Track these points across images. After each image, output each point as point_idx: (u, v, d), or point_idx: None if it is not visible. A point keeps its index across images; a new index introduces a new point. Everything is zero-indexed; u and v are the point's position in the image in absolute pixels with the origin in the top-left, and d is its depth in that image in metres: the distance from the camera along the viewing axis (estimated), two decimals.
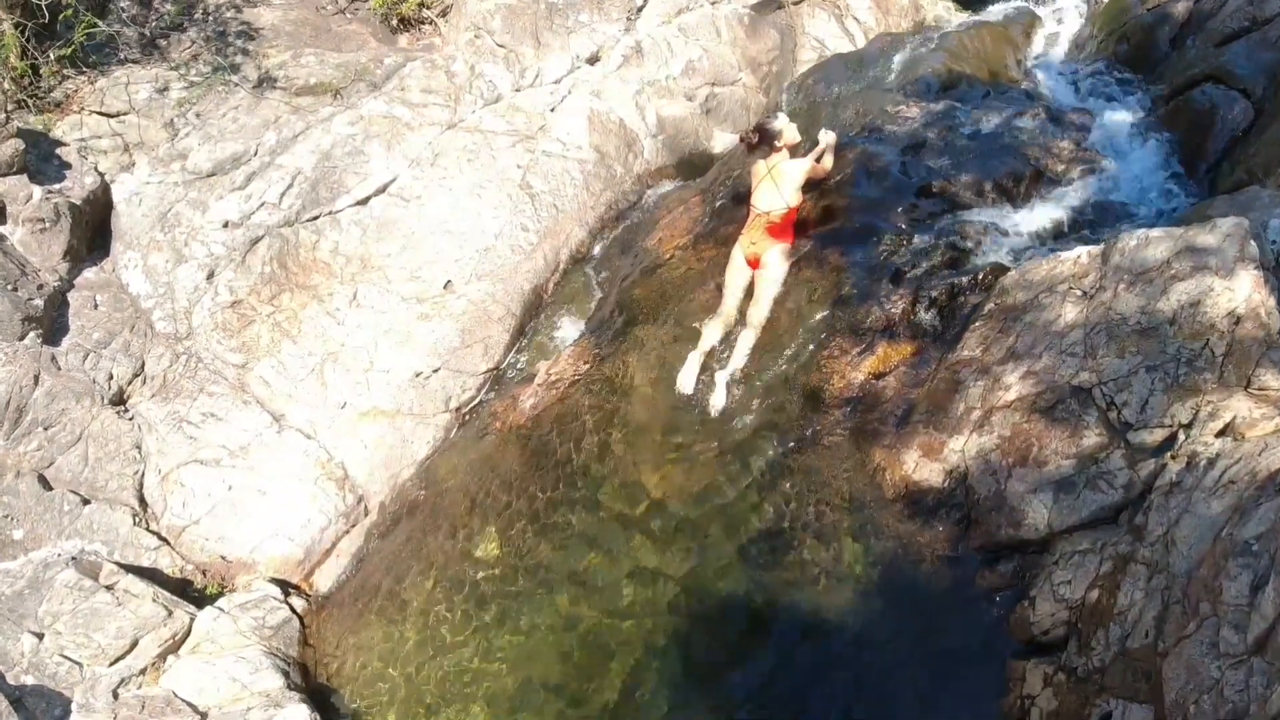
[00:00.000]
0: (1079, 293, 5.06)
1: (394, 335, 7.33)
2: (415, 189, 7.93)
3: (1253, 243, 4.64)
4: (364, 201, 7.80)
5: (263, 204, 7.62)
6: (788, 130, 6.44)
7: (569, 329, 7.51)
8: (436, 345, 7.35)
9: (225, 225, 7.51)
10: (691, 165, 9.63)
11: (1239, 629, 3.22)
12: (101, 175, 7.65)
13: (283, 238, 7.49)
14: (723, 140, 10.05)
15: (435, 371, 7.29)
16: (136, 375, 7.07)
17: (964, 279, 5.84)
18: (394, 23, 9.48)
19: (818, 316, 5.95)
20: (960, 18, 10.71)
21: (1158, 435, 4.42)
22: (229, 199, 7.65)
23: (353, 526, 6.85)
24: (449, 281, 7.54)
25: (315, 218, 7.65)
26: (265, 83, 8.40)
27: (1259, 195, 5.56)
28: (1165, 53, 8.36)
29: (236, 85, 8.33)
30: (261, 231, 7.50)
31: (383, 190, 7.89)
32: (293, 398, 7.12)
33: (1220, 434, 4.20)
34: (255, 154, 7.95)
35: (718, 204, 7.21)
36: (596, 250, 8.25)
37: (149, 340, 7.24)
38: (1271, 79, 6.78)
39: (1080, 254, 5.24)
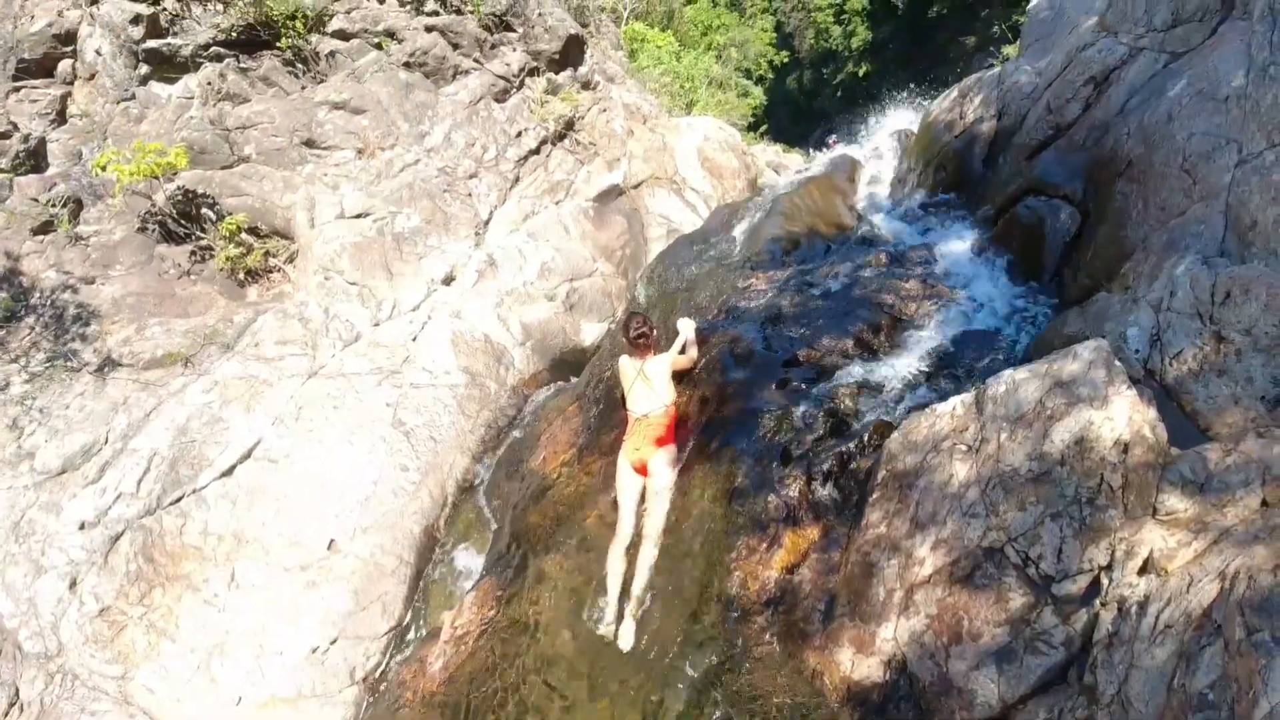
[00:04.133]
0: (964, 448, 5.02)
1: (282, 612, 6.79)
2: (282, 448, 7.58)
3: (1117, 362, 4.70)
4: (229, 472, 7.38)
5: (119, 495, 7.12)
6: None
7: (468, 566, 7.12)
8: (329, 614, 6.85)
9: (82, 527, 6.96)
10: (565, 364, 9.61)
11: None
12: None
13: (145, 529, 6.97)
14: (591, 332, 10.12)
15: (333, 643, 6.75)
16: (12, 704, 6.34)
17: (850, 444, 5.76)
18: (241, 276, 9.29)
19: (718, 515, 5.76)
20: (786, 160, 11.22)
21: (1081, 583, 4.30)
22: (83, 496, 7.13)
23: None
24: (332, 541, 7.12)
25: (178, 500, 7.18)
26: (110, 363, 8.03)
27: (1109, 304, 5.64)
28: (981, 173, 8.69)
29: (79, 370, 7.94)
30: (121, 526, 6.97)
31: (248, 456, 7.50)
32: (181, 701, 6.45)
33: (1142, 571, 4.13)
34: (106, 441, 7.49)
35: (595, 411, 7.09)
36: (483, 474, 7.98)
37: (19, 664, 6.53)
38: (1088, 179, 6.92)
39: (955, 405, 5.22)
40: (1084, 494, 4.37)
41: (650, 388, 6.22)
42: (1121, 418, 4.48)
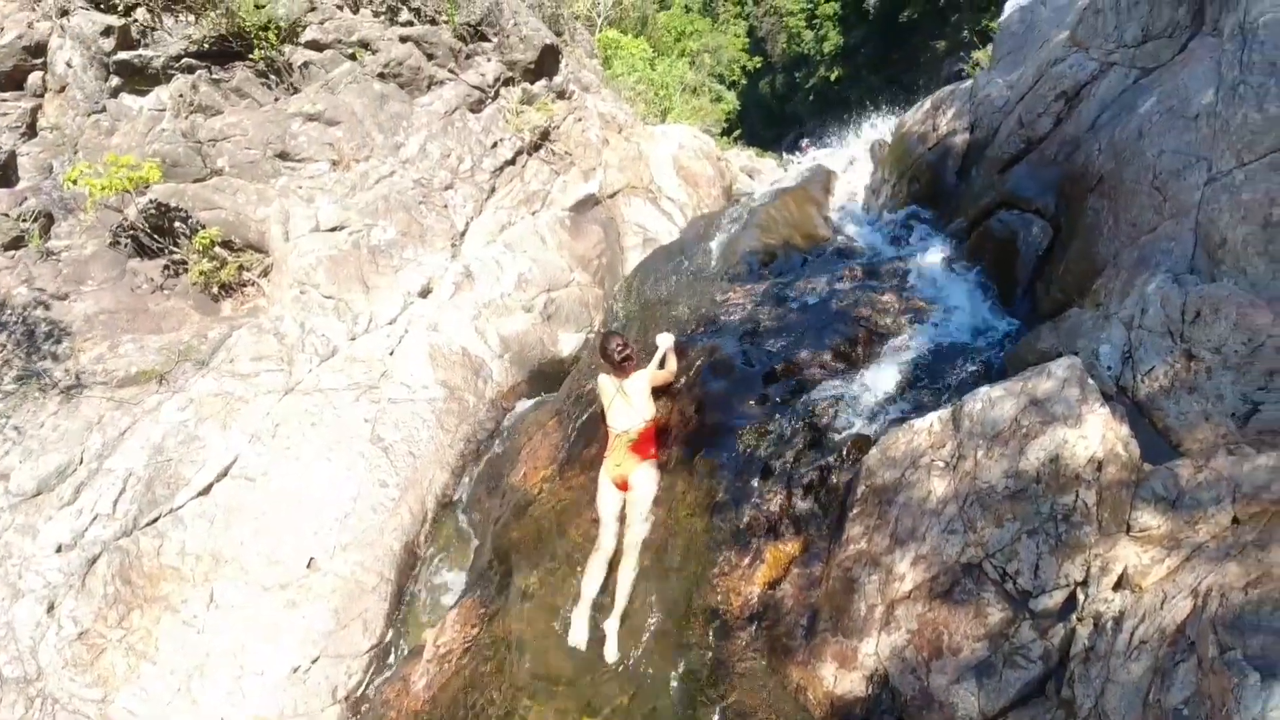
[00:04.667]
0: (941, 464, 5.07)
1: (262, 631, 6.73)
2: (260, 465, 7.52)
3: (1090, 380, 4.77)
4: (206, 491, 7.31)
5: (95, 517, 7.03)
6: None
7: (450, 582, 7.10)
8: (310, 632, 6.80)
9: (59, 549, 6.86)
10: (543, 375, 9.61)
11: None
12: None
13: (122, 550, 6.89)
14: (569, 342, 10.12)
15: (314, 662, 6.70)
16: None
17: (830, 458, 5.81)
18: (215, 291, 9.20)
19: (700, 530, 5.79)
20: (759, 165, 11.26)
21: (1057, 598, 4.37)
22: (59, 518, 7.03)
23: None
24: (312, 559, 7.08)
25: (155, 520, 7.10)
26: (83, 381, 7.93)
27: (1081, 320, 5.67)
28: (954, 186, 8.74)
29: (52, 388, 7.84)
30: (98, 548, 6.87)
31: (224, 474, 7.44)
32: None
33: (1117, 586, 4.20)
34: (81, 461, 7.39)
35: (575, 426, 7.09)
36: (463, 489, 7.96)
37: None
38: (1059, 193, 6.94)
39: (932, 421, 5.27)
40: (1059, 511, 4.44)
41: (630, 404, 6.24)
42: (1095, 435, 4.55)
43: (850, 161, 11.28)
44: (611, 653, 5.50)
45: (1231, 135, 4.90)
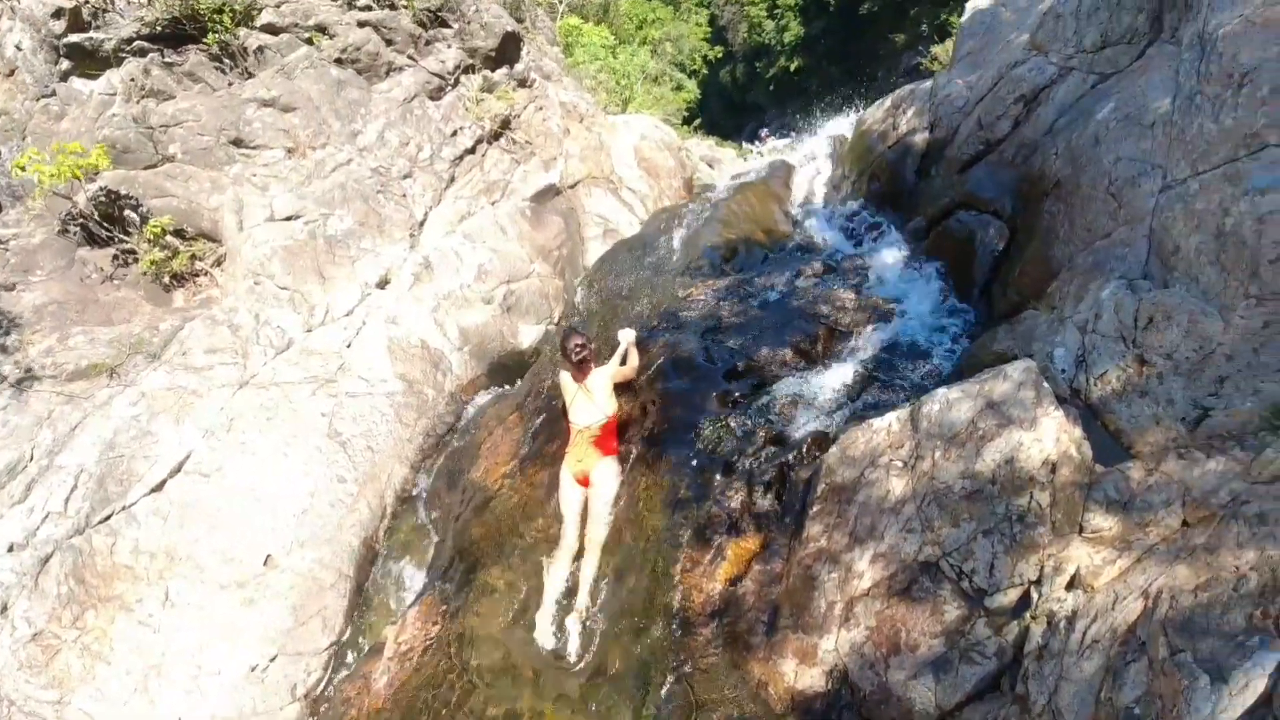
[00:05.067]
0: (900, 464, 5.15)
1: (219, 630, 6.62)
2: (214, 461, 7.37)
3: (1045, 383, 4.88)
4: (159, 487, 7.14)
5: (47, 515, 6.84)
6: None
7: (410, 579, 7.04)
8: (268, 631, 6.70)
9: (11, 549, 6.68)
10: (503, 368, 9.55)
11: None
12: None
13: (75, 549, 6.71)
14: (529, 334, 10.07)
15: (272, 660, 6.61)
16: None
17: (790, 455, 5.87)
18: (166, 281, 8.98)
19: (661, 526, 5.81)
20: (719, 154, 11.25)
21: (1012, 596, 4.46)
22: (10, 517, 6.82)
23: None
24: (269, 556, 6.97)
25: (108, 517, 6.93)
26: (32, 375, 7.71)
27: (1037, 322, 5.80)
28: (914, 184, 8.83)
29: (1, 381, 7.61)
30: (50, 548, 6.69)
31: (178, 470, 7.28)
32: None
33: (1070, 586, 4.30)
34: (31, 458, 7.18)
35: (536, 421, 7.08)
36: (423, 484, 7.89)
37: None
38: (1016, 195, 7.05)
39: (890, 421, 5.35)
40: (1014, 512, 4.54)
41: (591, 400, 6.25)
42: (1049, 438, 4.66)
43: (811, 157, 11.32)
44: (574, 651, 5.52)
45: (1187, 144, 5.01)
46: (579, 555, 5.97)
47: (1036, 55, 7.54)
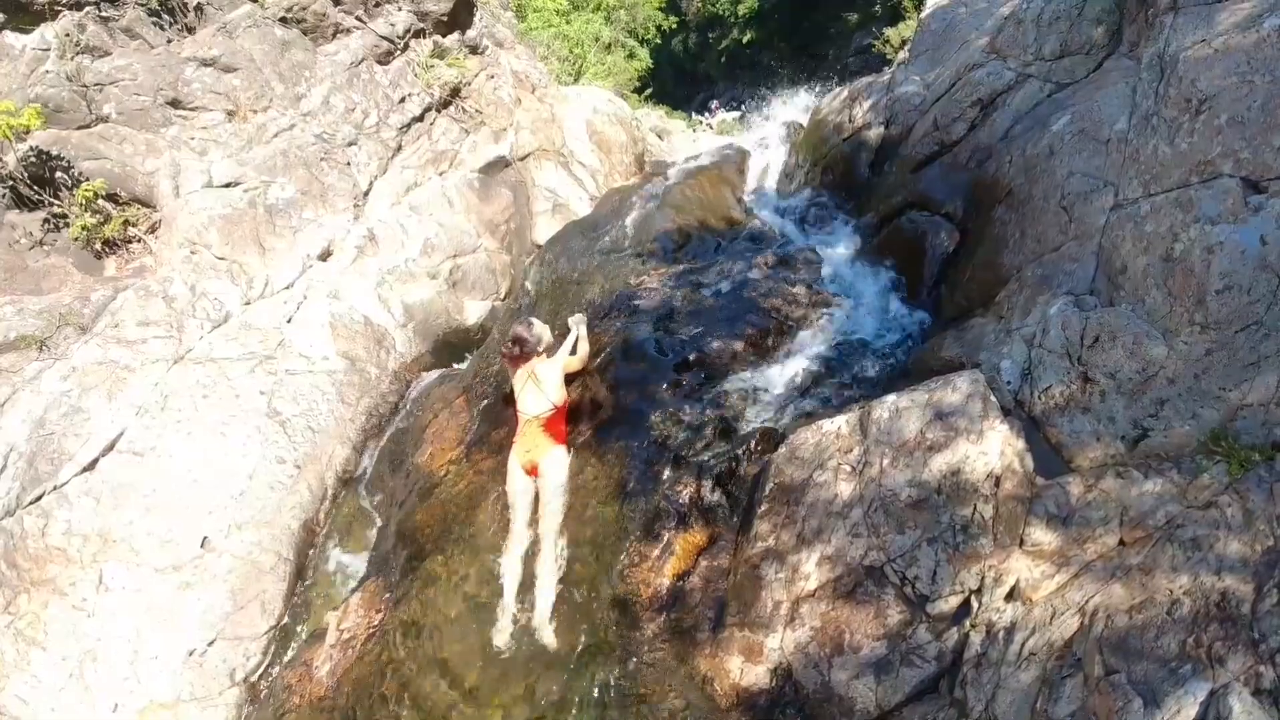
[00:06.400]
0: (848, 468, 5.22)
1: (155, 614, 6.46)
2: (148, 440, 7.15)
3: (992, 396, 4.99)
4: (91, 466, 6.91)
5: None
6: (545, 335, 6.46)
7: (352, 564, 6.95)
8: (206, 615, 6.56)
9: None
10: (448, 345, 9.43)
11: None
12: None
13: (5, 532, 6.46)
14: (475, 310, 9.95)
15: (211, 645, 6.48)
16: None
17: (739, 450, 5.91)
18: (98, 247, 8.61)
19: (609, 519, 5.81)
20: (670, 125, 11.07)
21: (952, 603, 4.58)
22: None
23: None
24: (205, 539, 6.81)
25: (39, 498, 6.67)
26: None
27: (984, 331, 5.86)
28: (867, 179, 8.85)
29: None
30: None
31: (111, 448, 7.03)
32: (56, 711, 6.12)
33: (1009, 597, 4.42)
34: None
35: (483, 405, 7.00)
36: (366, 465, 7.77)
37: None
38: (968, 199, 7.08)
39: (840, 425, 5.40)
40: (958, 522, 4.65)
41: (541, 389, 6.20)
42: (994, 451, 4.77)
43: (763, 144, 11.30)
44: (549, 640, 5.47)
45: (1141, 165, 5.10)
46: (532, 546, 5.93)
47: (995, 59, 7.60)
